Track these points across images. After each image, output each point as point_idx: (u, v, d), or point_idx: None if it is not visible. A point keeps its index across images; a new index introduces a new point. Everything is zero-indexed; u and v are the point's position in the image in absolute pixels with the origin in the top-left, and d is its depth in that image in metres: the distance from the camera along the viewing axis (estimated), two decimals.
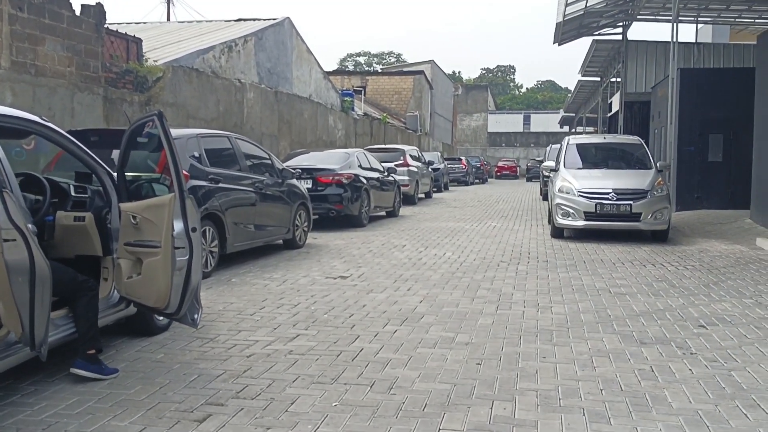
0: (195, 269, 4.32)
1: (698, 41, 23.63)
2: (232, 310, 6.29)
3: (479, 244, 11.23)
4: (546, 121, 70.88)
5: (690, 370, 4.50)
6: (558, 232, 11.93)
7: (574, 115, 52.67)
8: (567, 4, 17.53)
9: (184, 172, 7.88)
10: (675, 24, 14.41)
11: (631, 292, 7.08)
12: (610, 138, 13.73)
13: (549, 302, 6.60)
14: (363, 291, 7.22)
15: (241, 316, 6.06)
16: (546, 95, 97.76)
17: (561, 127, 63.27)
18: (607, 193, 11.20)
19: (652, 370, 4.48)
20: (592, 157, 12.89)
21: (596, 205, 11.18)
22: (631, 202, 11.07)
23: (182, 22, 25.19)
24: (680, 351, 4.94)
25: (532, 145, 69.35)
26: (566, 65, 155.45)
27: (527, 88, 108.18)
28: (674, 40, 14.26)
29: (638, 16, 20.73)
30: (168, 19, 32.67)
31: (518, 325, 5.70)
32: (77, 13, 11.76)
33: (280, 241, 10.31)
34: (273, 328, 5.63)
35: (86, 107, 11.72)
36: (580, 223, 11.36)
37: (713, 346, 5.07)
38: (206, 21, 24.01)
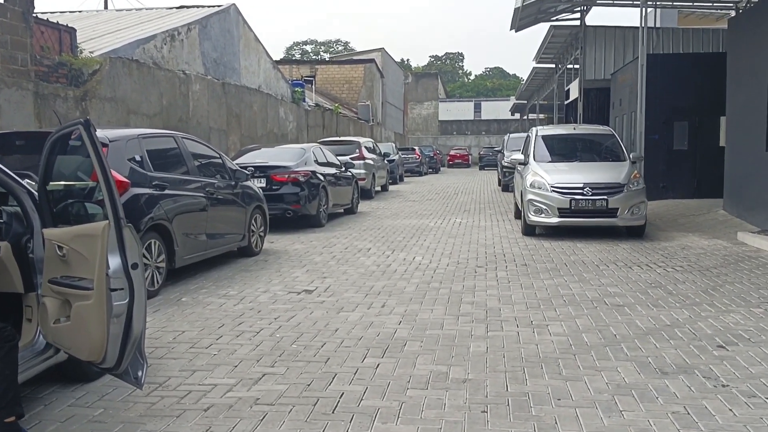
0: (137, 315, 3.45)
1: (649, 26, 23.40)
2: (185, 342, 5.42)
3: (449, 245, 10.54)
4: (496, 109, 70.83)
5: (731, 410, 3.85)
6: (530, 230, 11.31)
7: (526, 102, 52.58)
8: None
9: (123, 178, 6.98)
10: (644, 9, 13.91)
11: (628, 303, 6.46)
12: (581, 128, 13.17)
13: (543, 319, 5.92)
14: (332, 309, 6.42)
15: (196, 350, 5.19)
16: (495, 82, 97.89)
17: (512, 114, 63.36)
18: (582, 188, 10.62)
19: (689, 413, 3.82)
20: (563, 149, 12.30)
21: (570, 200, 10.59)
22: (606, 197, 10.52)
23: (120, 10, 23.72)
24: (710, 383, 4.30)
25: (483, 132, 69.29)
26: (514, 51, 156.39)
27: (476, 75, 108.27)
28: (643, 25, 13.77)
29: (598, 1, 20.27)
30: (105, 7, 30.92)
31: (517, 352, 4.99)
32: (1, 0, 10.58)
33: (235, 249, 9.39)
34: (233, 366, 4.79)
35: (15, 104, 10.53)
36: (554, 220, 10.76)
37: (743, 375, 4.45)
38: (146, 9, 22.64)
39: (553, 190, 10.74)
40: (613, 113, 20.78)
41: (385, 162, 23.64)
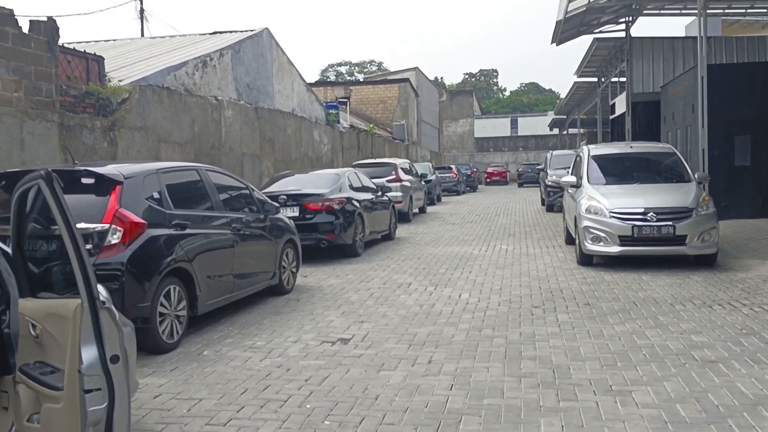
0: (119, 422, 2.67)
1: (690, 35, 22.27)
2: (201, 415, 4.62)
3: (497, 278, 9.63)
4: (534, 124, 69.50)
5: None
6: (586, 259, 10.31)
7: (565, 117, 51.32)
8: (570, 0, 16.00)
9: (139, 219, 6.28)
10: (701, 18, 12.89)
11: (721, 358, 5.48)
12: (638, 146, 12.13)
13: (624, 382, 4.97)
14: (371, 368, 5.58)
15: (212, 428, 4.39)
16: (531, 98, 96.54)
17: (551, 129, 62.07)
18: (645, 213, 9.62)
19: None
20: (619, 170, 11.28)
21: (633, 227, 9.59)
22: (673, 223, 9.49)
23: (154, 37, 23.46)
24: None
25: (520, 148, 68.02)
26: (549, 67, 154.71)
27: (511, 92, 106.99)
28: (701, 34, 12.73)
29: (644, 11, 19.25)
30: (141, 35, 30.89)
31: None
32: (25, 30, 10.11)
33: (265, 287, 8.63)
34: None
35: (38, 137, 10.02)
36: (615, 249, 9.76)
37: None
38: (179, 35, 22.32)
39: (613, 216, 9.76)
40: (665, 128, 19.63)
41: (422, 183, 22.87)
